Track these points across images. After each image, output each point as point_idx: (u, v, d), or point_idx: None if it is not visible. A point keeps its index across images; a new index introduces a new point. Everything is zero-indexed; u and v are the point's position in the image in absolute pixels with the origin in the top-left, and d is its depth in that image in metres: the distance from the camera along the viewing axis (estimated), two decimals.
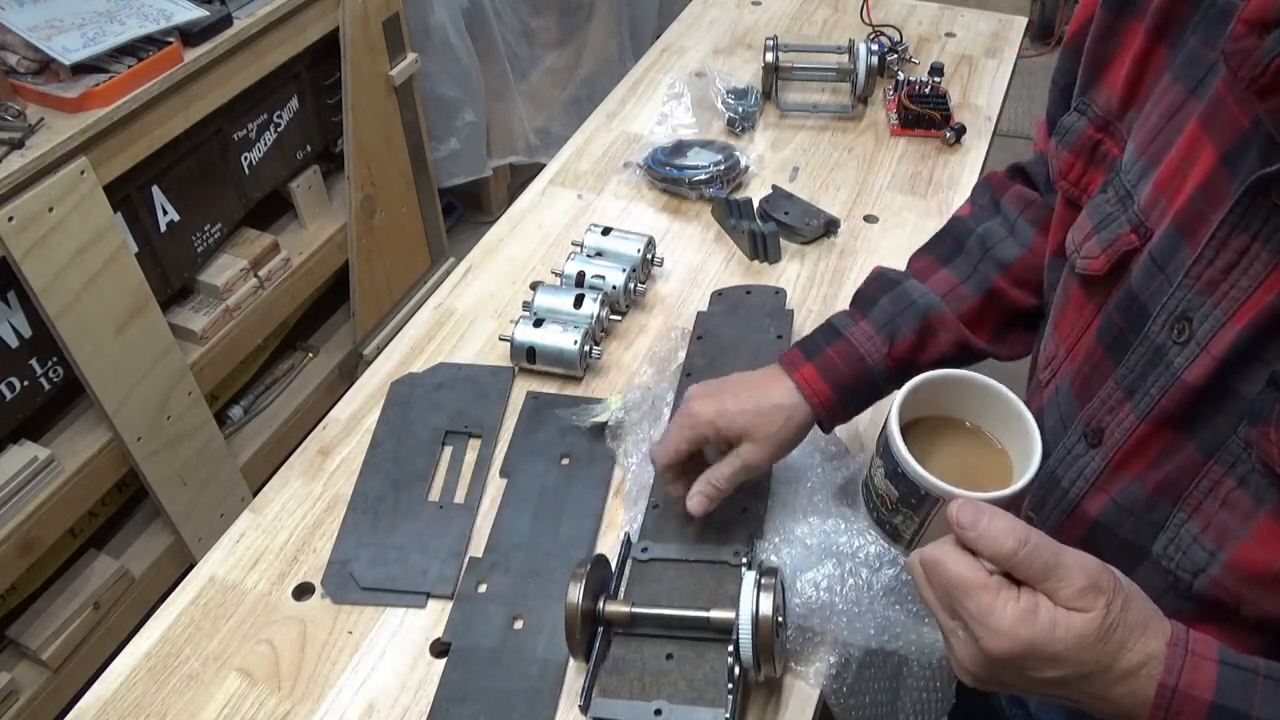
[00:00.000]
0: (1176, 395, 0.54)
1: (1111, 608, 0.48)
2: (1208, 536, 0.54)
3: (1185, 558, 0.55)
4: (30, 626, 1.46)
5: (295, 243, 1.84)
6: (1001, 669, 0.50)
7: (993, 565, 0.50)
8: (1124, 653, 0.48)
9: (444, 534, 0.88)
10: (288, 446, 1.82)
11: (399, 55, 1.90)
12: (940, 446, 0.64)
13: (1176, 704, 0.48)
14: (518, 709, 0.75)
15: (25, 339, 1.34)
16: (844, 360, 0.75)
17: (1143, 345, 0.56)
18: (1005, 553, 0.49)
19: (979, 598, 0.49)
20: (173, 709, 0.77)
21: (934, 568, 0.52)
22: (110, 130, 1.33)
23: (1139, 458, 0.57)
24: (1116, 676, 0.49)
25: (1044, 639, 0.48)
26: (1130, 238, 0.57)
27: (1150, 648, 0.49)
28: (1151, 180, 0.57)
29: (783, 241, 1.17)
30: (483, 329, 1.08)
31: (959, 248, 0.80)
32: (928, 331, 0.76)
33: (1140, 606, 0.50)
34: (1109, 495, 0.59)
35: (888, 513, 0.65)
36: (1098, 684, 0.49)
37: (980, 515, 0.51)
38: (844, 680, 0.75)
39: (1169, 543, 0.56)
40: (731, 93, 1.39)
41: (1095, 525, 0.60)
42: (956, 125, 1.33)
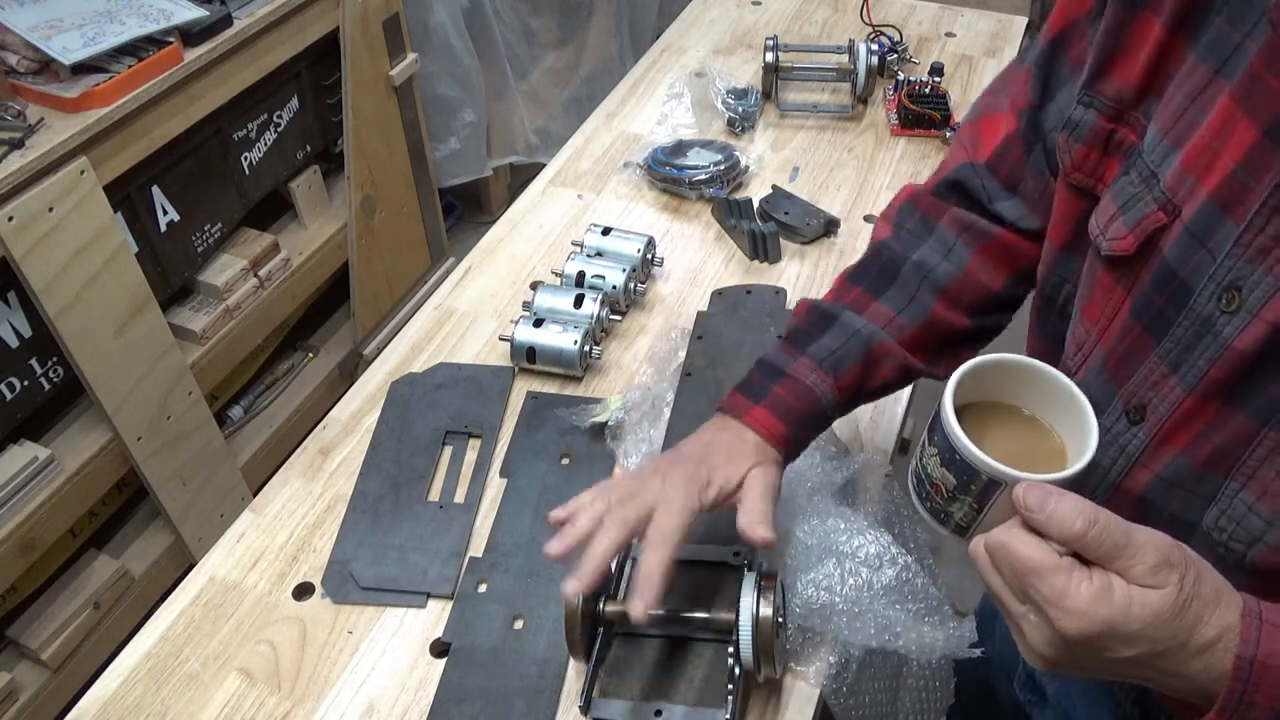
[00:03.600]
0: (1227, 364, 0.54)
1: (1185, 582, 0.48)
2: (1264, 504, 0.54)
3: (1239, 528, 0.55)
4: (30, 626, 1.46)
5: (295, 243, 1.84)
6: (1077, 651, 0.50)
7: (1062, 547, 0.50)
8: (1200, 627, 0.48)
9: (444, 534, 0.88)
10: (288, 446, 1.82)
11: (399, 55, 1.90)
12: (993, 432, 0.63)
13: (1255, 674, 0.48)
14: (518, 709, 0.75)
15: (25, 339, 1.34)
16: (794, 396, 0.74)
17: (1188, 319, 0.56)
18: (1075, 533, 0.49)
19: (1052, 580, 0.49)
20: (173, 709, 0.77)
21: (1001, 551, 0.52)
22: (110, 130, 1.33)
23: (1185, 431, 0.57)
24: (1193, 651, 0.49)
25: (1120, 618, 0.48)
26: (1158, 215, 0.57)
27: (1226, 620, 0.49)
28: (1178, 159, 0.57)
29: (783, 241, 1.17)
30: (483, 329, 1.08)
31: (892, 278, 0.78)
32: (871, 362, 0.76)
33: (1212, 580, 0.50)
34: (1153, 471, 0.59)
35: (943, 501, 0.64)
36: (1174, 660, 0.49)
37: (1048, 497, 0.51)
38: (844, 680, 0.75)
39: (1220, 514, 0.56)
40: (731, 93, 1.39)
41: (1140, 502, 0.60)
42: (956, 125, 1.33)
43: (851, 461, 0.85)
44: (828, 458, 0.86)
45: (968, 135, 0.78)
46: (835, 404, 0.75)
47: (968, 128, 0.79)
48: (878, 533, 0.78)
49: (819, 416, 0.75)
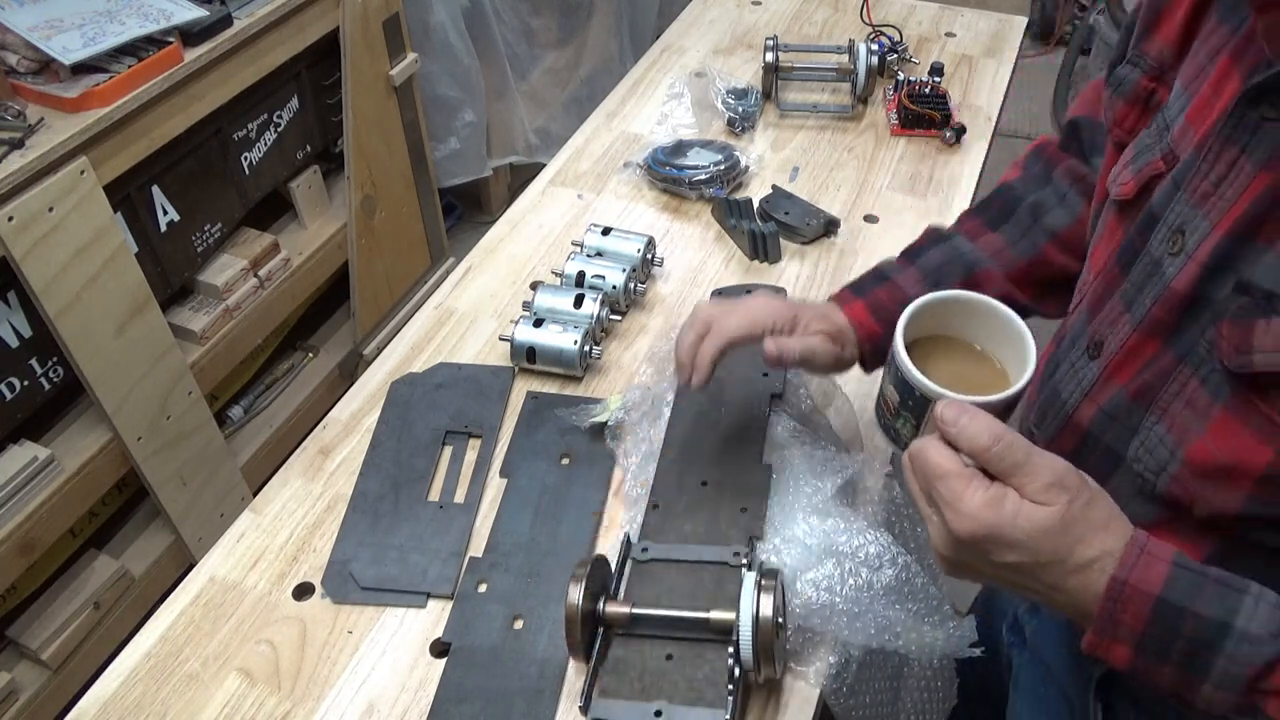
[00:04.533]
0: (1167, 303, 0.57)
1: (1073, 504, 0.52)
2: (1171, 435, 0.57)
3: (1151, 458, 0.59)
4: (30, 626, 1.46)
5: (295, 243, 1.84)
6: (966, 551, 0.54)
7: (970, 460, 0.55)
8: (1081, 546, 0.52)
9: (444, 534, 0.88)
10: (288, 446, 1.82)
11: (399, 55, 1.90)
12: (941, 360, 0.69)
13: (1125, 596, 0.51)
14: (518, 709, 0.75)
15: (25, 339, 1.34)
16: (891, 302, 0.79)
17: (1144, 260, 0.59)
18: (980, 447, 0.53)
19: (953, 484, 0.54)
20: (173, 709, 0.77)
21: (917, 457, 0.56)
22: (110, 130, 1.33)
23: (1128, 366, 0.60)
24: (1071, 568, 0.52)
25: (1006, 525, 0.52)
26: (1158, 164, 0.60)
27: (1107, 545, 0.52)
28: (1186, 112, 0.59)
29: (783, 241, 1.17)
30: (483, 329, 1.08)
31: (1009, 214, 0.83)
32: (972, 285, 0.78)
33: (1103, 507, 0.53)
34: (1098, 404, 0.62)
35: (891, 417, 0.71)
36: (1053, 574, 0.53)
37: (962, 413, 0.55)
38: (844, 680, 0.75)
39: (1139, 445, 0.60)
40: (731, 93, 1.39)
41: (1085, 435, 0.64)
42: (956, 125, 1.33)
43: (851, 461, 0.85)
44: (828, 458, 0.86)
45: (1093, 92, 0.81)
46: None
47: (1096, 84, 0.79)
48: (878, 533, 0.78)
49: None
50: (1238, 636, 0.50)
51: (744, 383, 0.94)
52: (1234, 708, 0.51)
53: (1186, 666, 0.51)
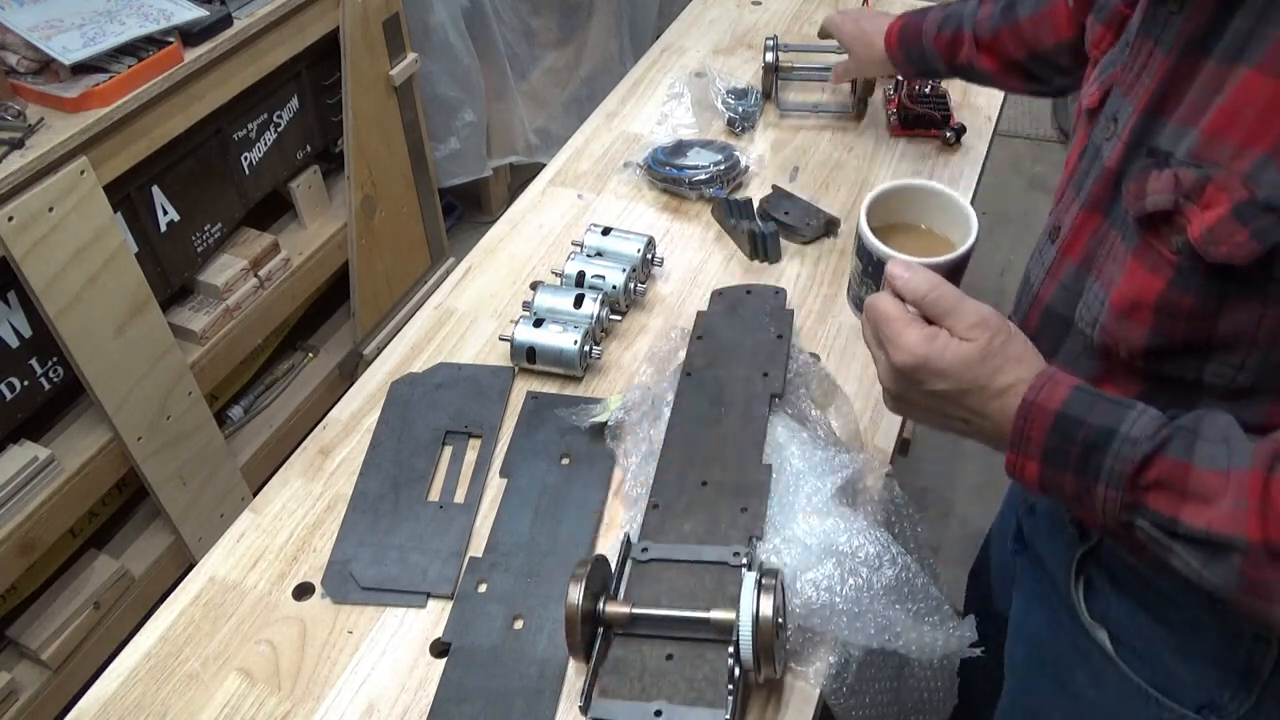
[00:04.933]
0: (1103, 181, 0.65)
1: (994, 341, 0.62)
2: (1102, 289, 0.65)
3: (1089, 312, 0.66)
4: (30, 626, 1.46)
5: (295, 243, 1.84)
6: (904, 381, 0.65)
7: (913, 309, 0.65)
8: (999, 375, 0.62)
9: (444, 534, 0.88)
10: (288, 446, 1.82)
11: (399, 55, 1.90)
12: (898, 240, 0.81)
13: (1032, 414, 0.60)
14: (518, 709, 0.75)
15: (25, 339, 1.34)
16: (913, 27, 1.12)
17: (1089, 149, 0.68)
18: (919, 294, 0.64)
19: (895, 325, 0.64)
20: (173, 709, 0.77)
21: (870, 307, 0.67)
22: (110, 130, 1.33)
23: (1077, 241, 0.68)
24: (991, 394, 0.62)
25: (935, 356, 0.62)
26: (1118, 74, 0.67)
27: (1021, 373, 0.61)
28: None
29: (783, 241, 1.17)
30: (483, 329, 1.08)
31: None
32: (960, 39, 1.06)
33: (1020, 344, 0.63)
34: (1056, 279, 0.70)
35: (856, 286, 0.84)
36: (976, 400, 0.62)
37: (906, 269, 0.66)
38: (844, 680, 0.75)
39: (1082, 305, 0.67)
40: (731, 93, 1.39)
41: (1046, 309, 0.71)
42: (956, 125, 1.33)
43: (851, 461, 0.85)
44: (828, 458, 0.86)
45: None
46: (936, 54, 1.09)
47: None
48: (878, 533, 0.78)
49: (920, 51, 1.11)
50: (1121, 439, 0.58)
51: (744, 383, 0.94)
52: (1121, 506, 0.58)
53: (1082, 471, 0.59)
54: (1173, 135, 0.60)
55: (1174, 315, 0.60)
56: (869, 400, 0.98)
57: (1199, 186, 0.56)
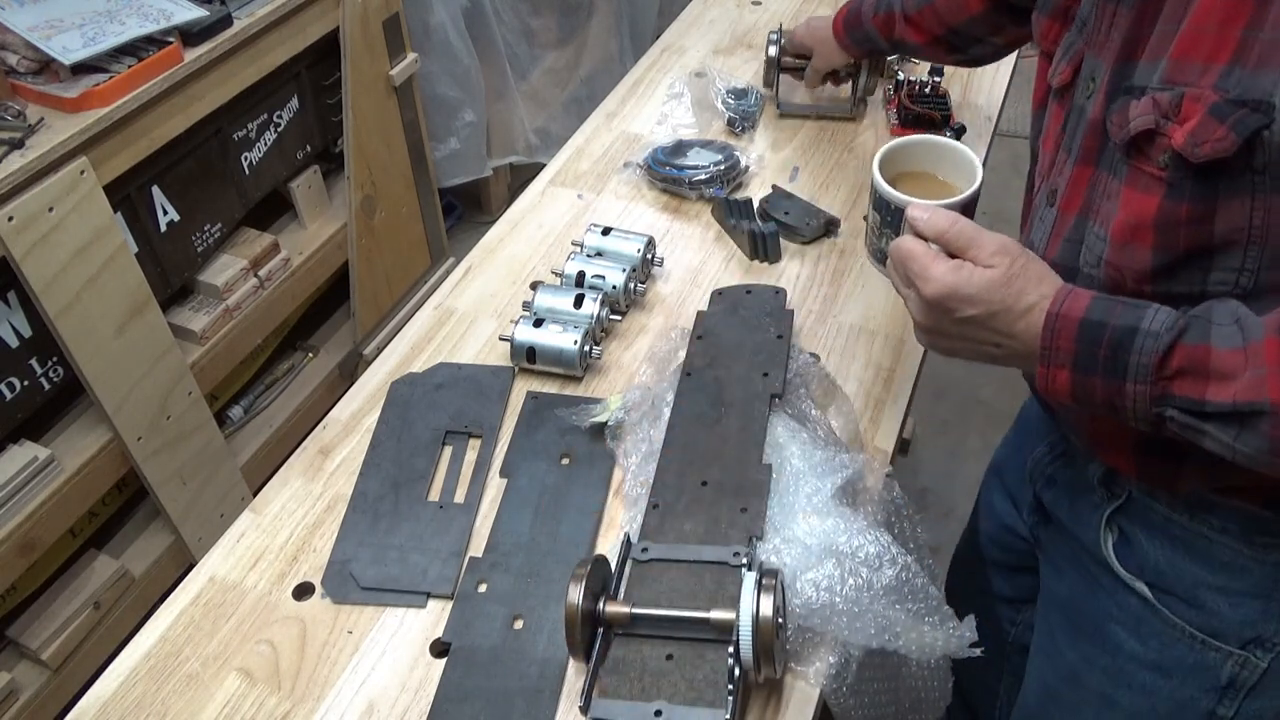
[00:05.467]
0: (1089, 133, 0.70)
1: (1015, 264, 0.67)
2: (1102, 228, 0.69)
3: (1091, 254, 0.70)
4: (30, 626, 1.46)
5: (295, 243, 1.84)
6: (935, 312, 0.69)
7: (935, 245, 0.70)
8: (1023, 295, 0.66)
9: (444, 534, 0.88)
10: (288, 446, 1.82)
11: (399, 55, 1.90)
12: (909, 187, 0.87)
13: (1058, 325, 0.64)
14: (518, 709, 0.75)
15: (25, 339, 1.34)
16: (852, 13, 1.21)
17: (1074, 112, 0.73)
18: (940, 230, 0.69)
19: (922, 260, 0.69)
20: (173, 709, 0.77)
21: (895, 250, 0.72)
22: (110, 130, 1.33)
23: (1075, 196, 0.72)
24: (1018, 314, 0.66)
25: (963, 284, 0.67)
26: (1083, 46, 0.72)
27: (1044, 289, 0.66)
28: None
29: (783, 241, 1.17)
30: (483, 329, 1.08)
31: None
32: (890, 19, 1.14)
33: (1039, 267, 0.68)
34: (1061, 236, 0.74)
35: (875, 238, 0.90)
36: (1005, 321, 0.66)
37: (926, 210, 0.71)
38: (844, 680, 0.75)
39: (1085, 250, 0.71)
40: (731, 93, 1.39)
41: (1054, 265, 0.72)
42: (956, 125, 1.33)
43: (851, 461, 0.85)
44: (828, 458, 0.86)
45: None
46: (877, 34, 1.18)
47: None
48: (878, 533, 0.78)
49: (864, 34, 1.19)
50: (1143, 334, 0.61)
51: (744, 383, 0.94)
52: (1154, 399, 0.62)
53: (1110, 371, 0.62)
54: (1145, 70, 0.65)
55: (1173, 227, 0.64)
56: (869, 400, 0.98)
57: (1175, 104, 0.61)
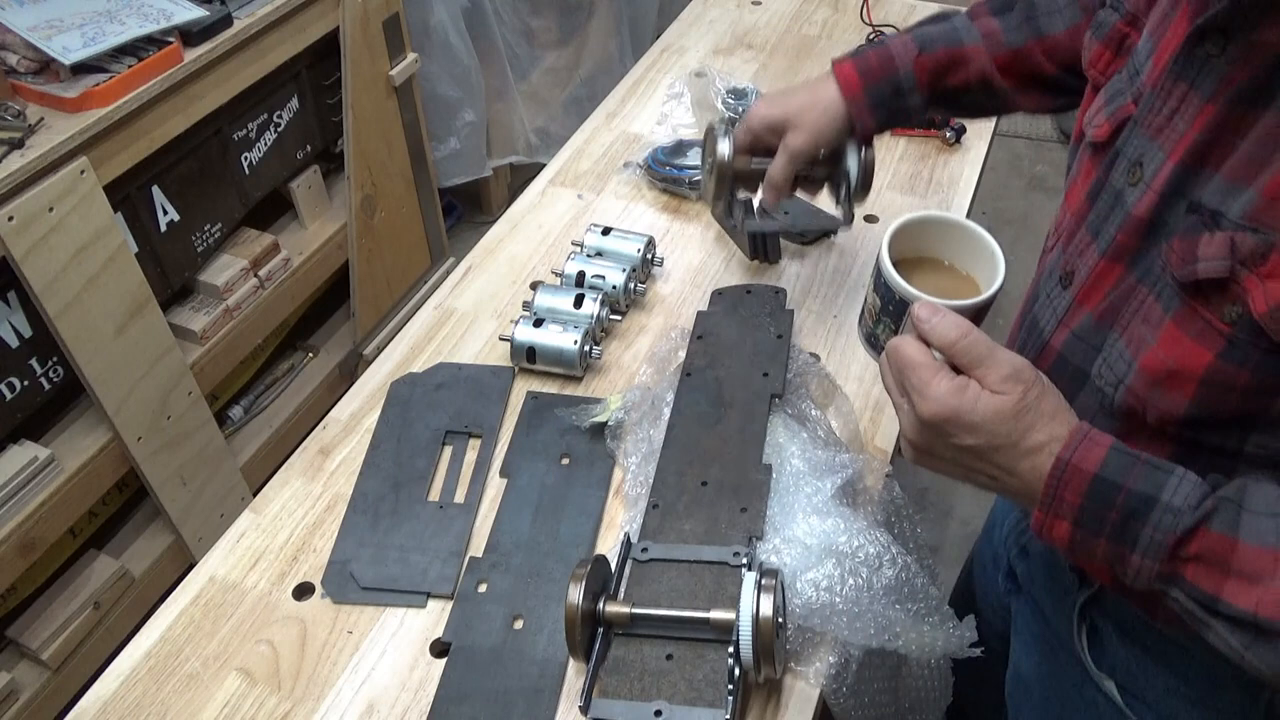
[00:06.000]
0: (1129, 229, 0.62)
1: (1028, 395, 0.58)
2: (1129, 349, 0.62)
3: (1111, 372, 0.63)
4: (30, 626, 1.46)
5: (295, 243, 1.84)
6: (931, 434, 0.60)
7: (940, 354, 0.61)
8: (1031, 432, 0.57)
9: (444, 534, 0.88)
10: (288, 446, 1.82)
11: (399, 55, 1.90)
12: (921, 275, 0.76)
13: (1067, 475, 0.56)
14: (518, 709, 0.75)
15: (25, 339, 1.34)
16: (877, 58, 0.88)
17: (1108, 192, 0.64)
18: (948, 341, 0.60)
19: (922, 373, 0.60)
20: (173, 709, 0.77)
21: (893, 351, 0.62)
22: (110, 130, 1.33)
23: (1096, 291, 0.65)
24: (1023, 451, 0.58)
25: (967, 409, 0.58)
26: (1130, 107, 0.64)
27: (1055, 431, 0.57)
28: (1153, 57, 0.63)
29: (783, 241, 1.17)
30: (483, 329, 1.08)
31: (1010, 7, 0.90)
32: (958, 55, 0.88)
33: (1055, 401, 0.59)
34: (1070, 329, 0.67)
35: (872, 324, 0.78)
36: (1007, 457, 0.58)
37: (935, 313, 0.61)
38: (844, 680, 0.75)
39: (1102, 362, 0.64)
40: (731, 93, 1.39)
41: (1058, 357, 0.68)
42: (956, 125, 1.33)
43: (851, 461, 0.85)
44: (828, 458, 0.86)
45: None
46: (915, 83, 0.88)
47: None
48: (878, 533, 0.78)
49: (896, 89, 0.88)
50: (1163, 508, 0.54)
51: (744, 383, 0.94)
52: (1157, 576, 0.55)
53: (1118, 538, 0.55)
54: (1221, 192, 0.55)
55: (1225, 390, 0.56)
56: (869, 400, 0.98)
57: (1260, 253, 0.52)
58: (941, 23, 0.90)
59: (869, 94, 0.87)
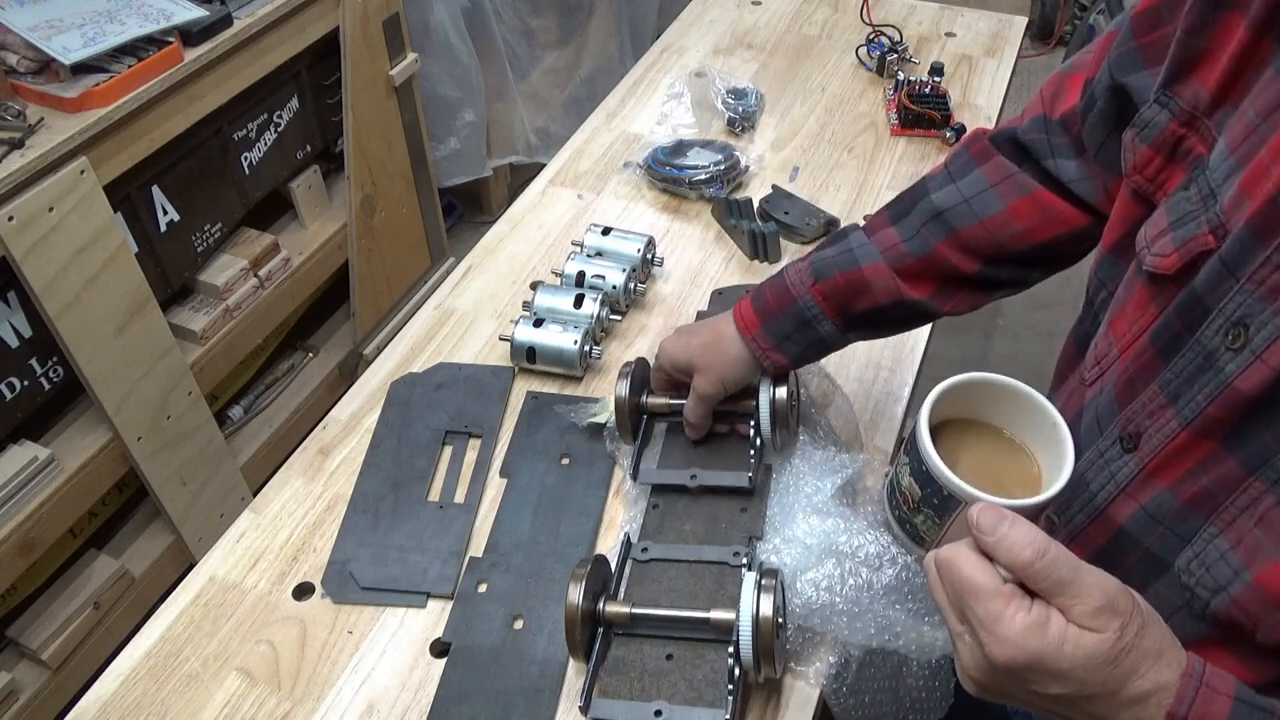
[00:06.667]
0: (1226, 404, 0.51)
1: (1126, 631, 0.47)
2: (1236, 554, 0.52)
3: (1208, 574, 0.53)
4: (30, 626, 1.46)
5: (295, 243, 1.84)
6: (1005, 679, 0.49)
7: (1008, 574, 0.49)
8: (1134, 679, 0.47)
9: (444, 534, 0.88)
10: (288, 446, 1.82)
11: (399, 55, 1.90)
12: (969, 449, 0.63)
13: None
14: (518, 709, 0.75)
15: (25, 339, 1.34)
16: (773, 291, 0.81)
17: (1194, 349, 0.53)
18: (1022, 562, 0.48)
19: (989, 604, 0.48)
20: (173, 709, 0.77)
21: (948, 568, 0.51)
22: (110, 130, 1.33)
23: (1175, 466, 0.55)
24: (1124, 702, 0.48)
25: (1052, 654, 0.47)
26: (1207, 239, 0.54)
27: (1163, 677, 0.47)
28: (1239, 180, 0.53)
29: (783, 241, 1.17)
30: (483, 329, 1.08)
31: (909, 209, 0.80)
32: (857, 280, 0.78)
33: (1158, 634, 0.49)
34: (1138, 503, 0.57)
35: (909, 512, 0.64)
36: (1103, 706, 0.48)
37: (1001, 521, 0.49)
38: (844, 680, 0.75)
39: (1194, 558, 0.54)
40: (731, 93, 1.39)
41: (1121, 533, 0.59)
42: (956, 125, 1.33)
43: (851, 461, 0.85)
44: (828, 458, 0.86)
45: (1051, 89, 0.75)
46: (820, 313, 0.79)
47: (1055, 79, 0.75)
48: (878, 533, 0.78)
49: (801, 322, 0.79)
50: None
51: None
52: None
53: None
54: None
55: None
56: (869, 400, 0.98)
57: None
58: (838, 242, 0.81)
59: (769, 331, 0.80)
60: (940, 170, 0.81)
